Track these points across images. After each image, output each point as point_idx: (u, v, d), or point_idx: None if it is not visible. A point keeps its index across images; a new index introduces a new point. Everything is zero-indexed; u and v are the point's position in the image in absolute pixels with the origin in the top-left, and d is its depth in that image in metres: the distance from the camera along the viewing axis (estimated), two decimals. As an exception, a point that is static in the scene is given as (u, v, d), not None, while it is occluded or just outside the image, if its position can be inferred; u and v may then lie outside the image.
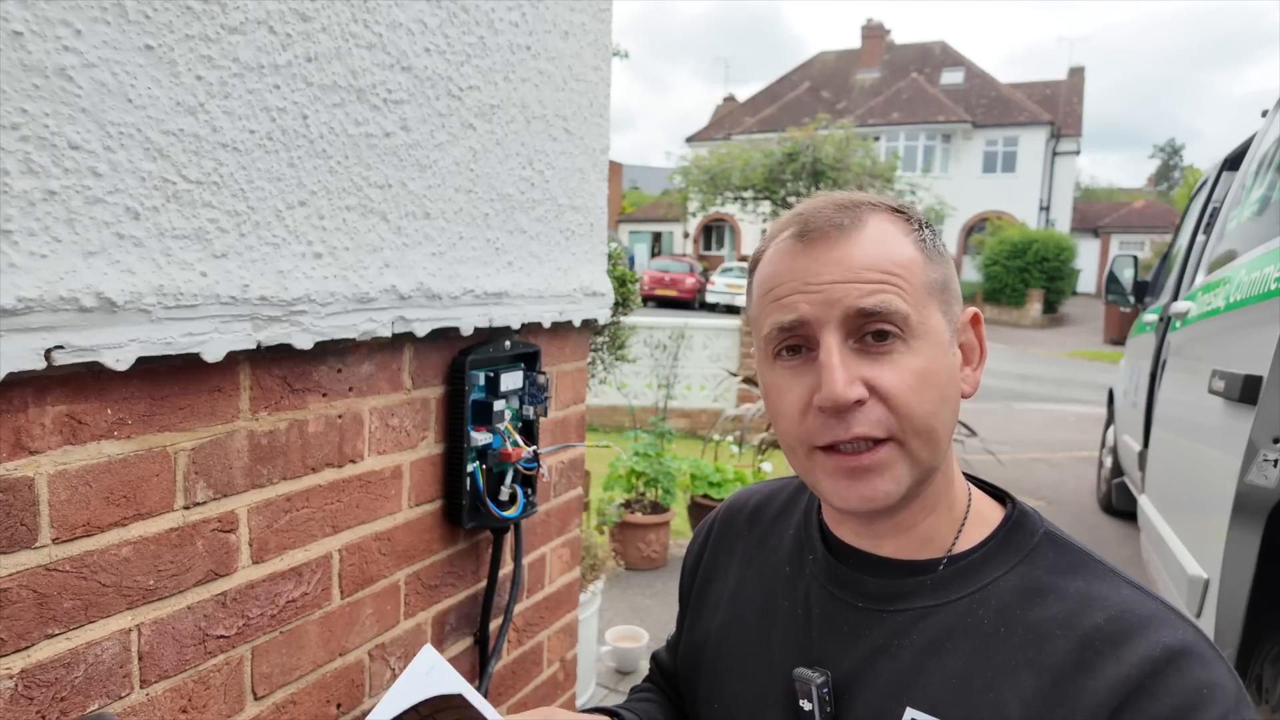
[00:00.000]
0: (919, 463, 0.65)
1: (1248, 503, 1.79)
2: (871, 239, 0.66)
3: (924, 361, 0.64)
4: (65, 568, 0.76)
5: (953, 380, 0.67)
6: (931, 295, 0.66)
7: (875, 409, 0.64)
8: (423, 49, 1.07)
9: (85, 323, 0.73)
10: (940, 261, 0.68)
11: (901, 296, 0.64)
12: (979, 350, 0.71)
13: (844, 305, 0.64)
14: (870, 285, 0.64)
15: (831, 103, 32.15)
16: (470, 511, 1.25)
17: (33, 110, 0.68)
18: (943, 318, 0.67)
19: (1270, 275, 1.92)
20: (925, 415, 0.64)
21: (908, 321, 0.64)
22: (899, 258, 0.65)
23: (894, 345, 0.64)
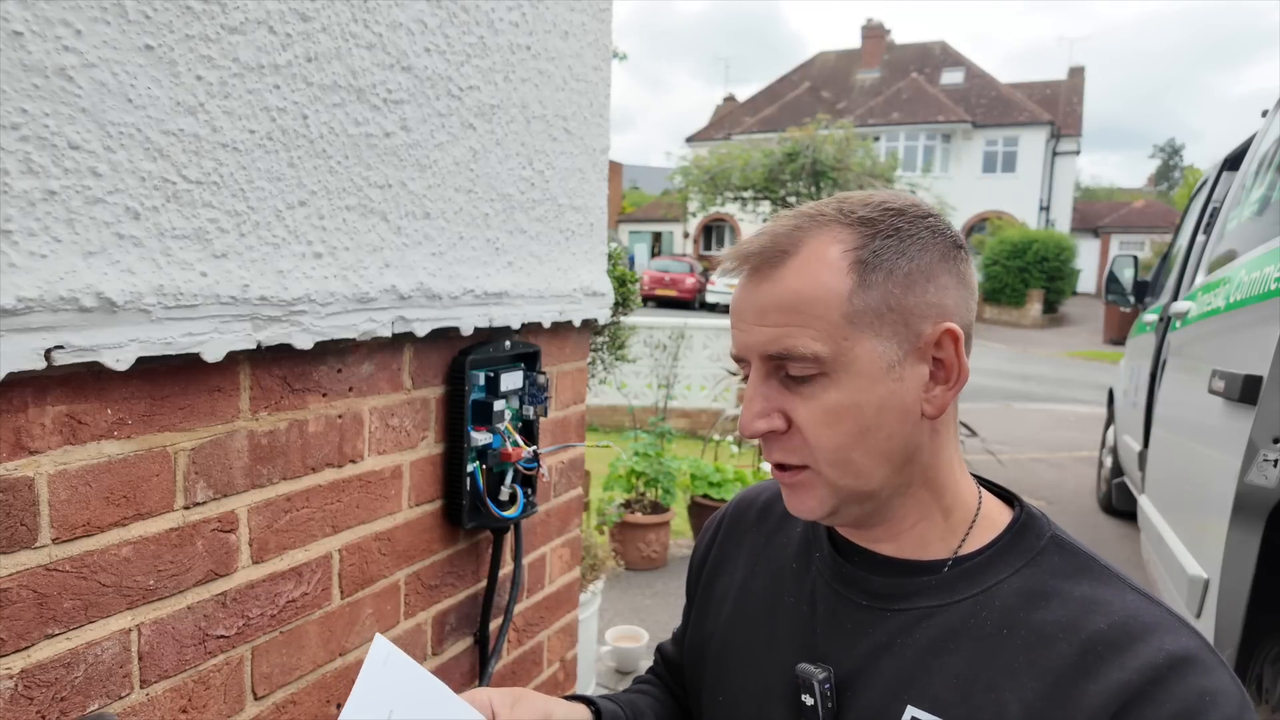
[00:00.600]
0: (839, 489, 0.67)
1: (1248, 503, 1.79)
2: (791, 273, 0.65)
3: (842, 395, 0.65)
4: (65, 568, 0.76)
5: (886, 409, 0.66)
6: (856, 324, 0.64)
7: (793, 438, 0.67)
8: (423, 49, 1.07)
9: (85, 323, 0.73)
10: (890, 280, 0.65)
11: (811, 335, 0.64)
12: (957, 369, 0.67)
13: (757, 349, 0.67)
14: (775, 330, 0.65)
15: (831, 103, 32.15)
16: (470, 511, 1.25)
17: (33, 110, 0.68)
18: (884, 342, 0.65)
19: (1270, 275, 1.92)
20: (835, 448, 0.66)
21: (819, 359, 0.64)
22: (815, 293, 0.64)
23: (815, 379, 0.65)
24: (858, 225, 0.66)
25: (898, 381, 0.66)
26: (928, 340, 0.66)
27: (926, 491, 0.70)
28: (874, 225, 0.66)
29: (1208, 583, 2.00)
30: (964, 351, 0.67)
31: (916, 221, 0.67)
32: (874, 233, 0.66)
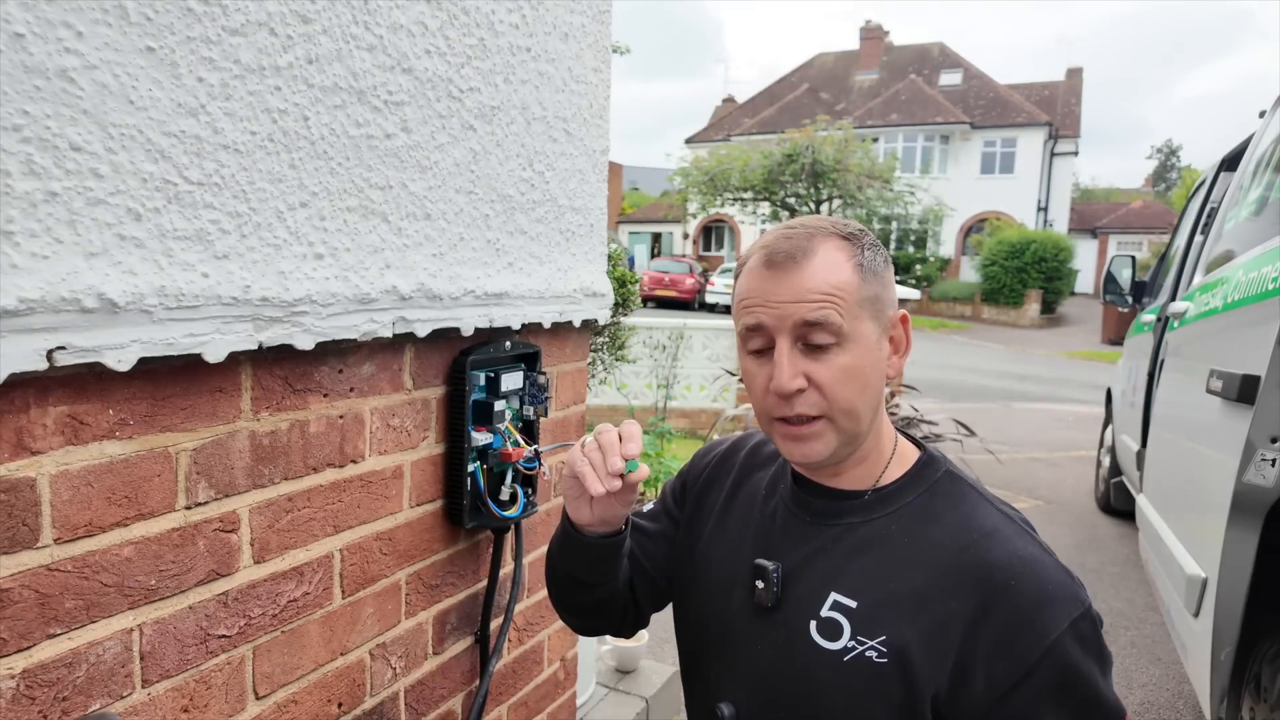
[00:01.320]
0: (844, 431, 0.88)
1: (1246, 502, 1.79)
2: (818, 266, 0.86)
3: (851, 360, 0.86)
4: (67, 568, 0.76)
5: (876, 370, 0.88)
6: (863, 307, 0.86)
7: (812, 395, 0.86)
8: (423, 51, 1.07)
9: (87, 323, 0.73)
10: (875, 279, 0.88)
11: (838, 311, 0.84)
12: (905, 343, 0.93)
13: (794, 318, 0.85)
14: (815, 303, 0.84)
15: (830, 104, 32.16)
16: (471, 511, 1.25)
17: (34, 112, 0.68)
18: (873, 323, 0.87)
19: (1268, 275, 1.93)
20: (848, 399, 0.86)
21: (841, 330, 0.85)
22: (838, 281, 0.85)
23: (830, 348, 0.85)
24: (849, 239, 0.89)
25: (880, 352, 0.89)
26: (891, 322, 0.91)
27: (873, 439, 0.93)
28: (860, 240, 0.89)
29: (1206, 582, 2.00)
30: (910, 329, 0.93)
31: (876, 239, 0.92)
32: (861, 245, 0.89)
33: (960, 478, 0.94)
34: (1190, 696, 2.98)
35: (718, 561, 1.01)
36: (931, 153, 29.12)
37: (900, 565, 0.87)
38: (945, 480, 0.93)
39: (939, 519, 0.89)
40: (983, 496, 0.91)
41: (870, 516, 0.91)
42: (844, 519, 0.92)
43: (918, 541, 0.88)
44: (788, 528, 0.96)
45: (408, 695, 1.22)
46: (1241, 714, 1.95)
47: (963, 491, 0.92)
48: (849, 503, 0.93)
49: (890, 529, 0.90)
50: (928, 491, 0.92)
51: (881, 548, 0.89)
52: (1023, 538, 0.86)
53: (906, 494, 0.92)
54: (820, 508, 0.94)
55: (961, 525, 0.87)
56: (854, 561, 0.89)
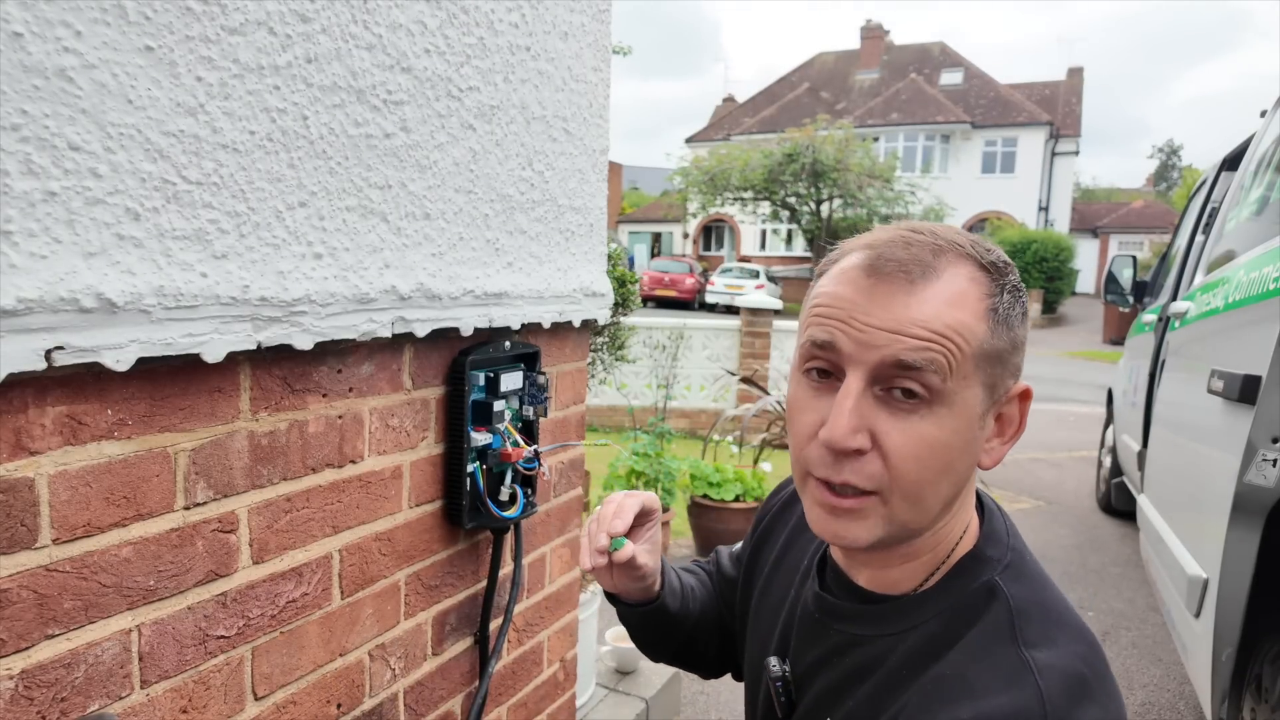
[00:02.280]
0: (897, 521, 0.66)
1: (1247, 502, 1.79)
2: (939, 295, 0.63)
3: (939, 432, 0.63)
4: (65, 568, 0.76)
5: (968, 452, 0.66)
6: (979, 367, 0.64)
7: (873, 462, 0.64)
8: (422, 50, 1.07)
9: (85, 323, 0.73)
10: (1005, 333, 0.65)
11: (948, 361, 0.62)
12: (1017, 426, 0.69)
13: (884, 353, 0.63)
14: (919, 342, 0.62)
15: (831, 103, 32.16)
16: (470, 511, 1.25)
17: (33, 111, 0.68)
18: (984, 390, 0.65)
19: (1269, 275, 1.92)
20: (919, 483, 0.64)
21: (940, 388, 0.62)
22: (959, 321, 0.63)
23: (917, 407, 0.63)
24: (989, 270, 0.66)
25: (980, 430, 0.66)
26: (1008, 395, 0.67)
27: (933, 538, 0.70)
28: (1002, 275, 0.66)
29: (1207, 582, 2.00)
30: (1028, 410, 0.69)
31: (1020, 284, 0.68)
32: (1002, 285, 0.66)
33: (1004, 595, 0.67)
34: (1191, 697, 2.98)
35: (755, 638, 0.88)
36: (932, 152, 29.11)
37: (883, 708, 0.67)
38: (979, 596, 0.67)
39: (942, 654, 0.66)
40: (1013, 627, 0.64)
41: (881, 631, 0.70)
42: (849, 626, 0.73)
43: (919, 678, 0.66)
44: (804, 622, 0.79)
45: (407, 696, 1.22)
46: (1242, 715, 1.95)
47: (988, 614, 0.66)
48: (864, 607, 0.73)
49: (895, 652, 0.69)
50: (950, 610, 0.68)
51: (881, 676, 0.69)
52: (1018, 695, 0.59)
53: (927, 608, 0.69)
54: (831, 606, 0.75)
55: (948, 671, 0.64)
56: (851, 687, 0.71)
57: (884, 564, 0.72)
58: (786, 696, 0.76)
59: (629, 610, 0.95)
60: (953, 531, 0.71)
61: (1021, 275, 0.71)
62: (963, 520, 0.72)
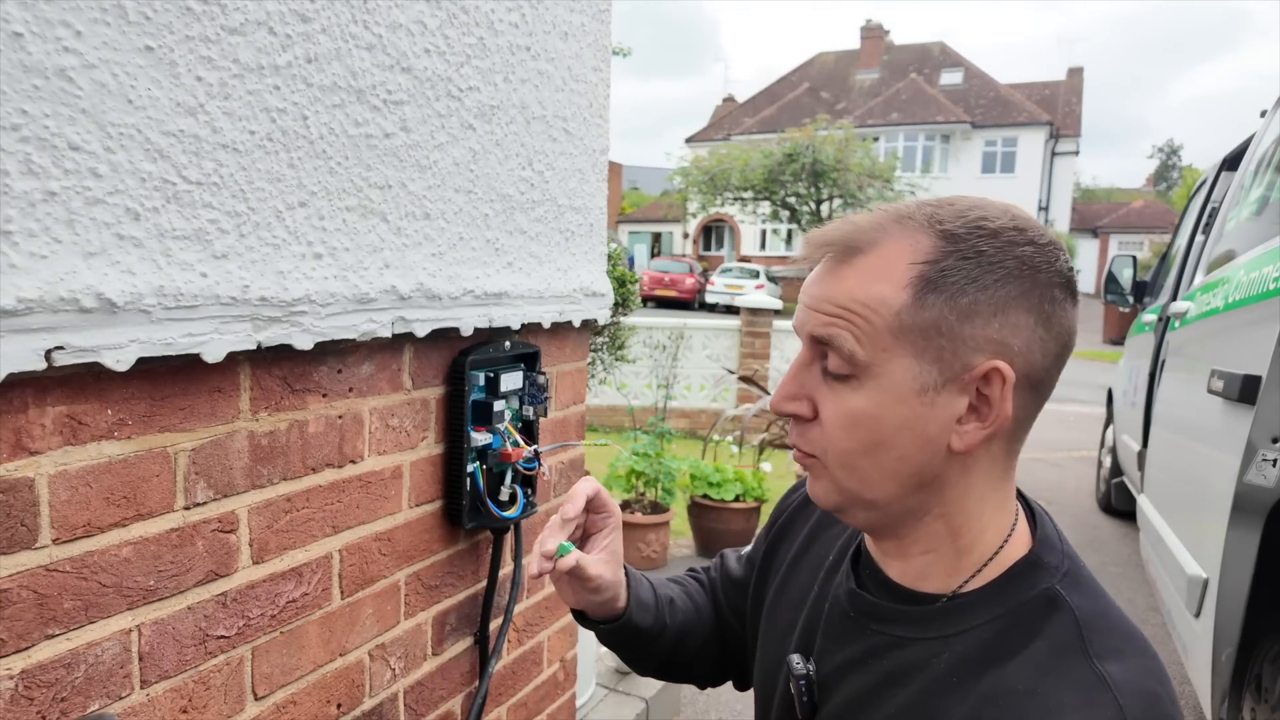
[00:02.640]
0: (842, 487, 0.68)
1: (1247, 502, 1.79)
2: (858, 269, 0.64)
3: (865, 404, 0.64)
4: (65, 568, 0.76)
5: (907, 430, 0.64)
6: (899, 339, 0.62)
7: (813, 429, 0.68)
8: (422, 50, 1.07)
9: (85, 323, 0.73)
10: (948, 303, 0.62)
11: (854, 335, 0.63)
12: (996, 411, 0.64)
13: (806, 329, 0.68)
14: (825, 317, 0.65)
15: (831, 103, 32.16)
16: (470, 511, 1.25)
17: (33, 111, 0.68)
18: (917, 362, 0.63)
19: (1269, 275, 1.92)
20: (847, 452, 0.66)
21: (854, 360, 0.64)
22: (869, 294, 0.63)
23: (847, 380, 0.65)
24: (939, 238, 0.63)
25: (927, 406, 0.63)
26: (974, 374, 0.63)
27: (942, 525, 0.68)
28: (956, 242, 0.63)
29: (1207, 582, 2.00)
30: (1010, 395, 0.63)
31: (1008, 248, 0.63)
32: (952, 250, 0.63)
33: (1066, 603, 0.64)
34: (1191, 697, 2.98)
35: (771, 637, 0.85)
36: (932, 152, 29.12)
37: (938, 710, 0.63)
38: (1038, 604, 0.64)
39: (1009, 659, 0.62)
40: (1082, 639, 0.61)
41: (924, 634, 0.67)
42: (891, 628, 0.70)
43: (968, 686, 0.63)
44: (833, 620, 0.76)
45: (407, 696, 1.22)
46: (1242, 715, 1.95)
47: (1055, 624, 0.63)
48: (905, 608, 0.70)
49: (941, 658, 0.65)
50: (1009, 615, 0.64)
51: (924, 681, 0.66)
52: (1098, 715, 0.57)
53: (977, 613, 0.66)
54: (869, 605, 0.72)
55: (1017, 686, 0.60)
56: (888, 691, 0.68)
57: (905, 553, 0.70)
58: (809, 697, 0.73)
59: (592, 627, 0.90)
60: (976, 527, 0.68)
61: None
62: (995, 517, 0.68)
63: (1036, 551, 0.68)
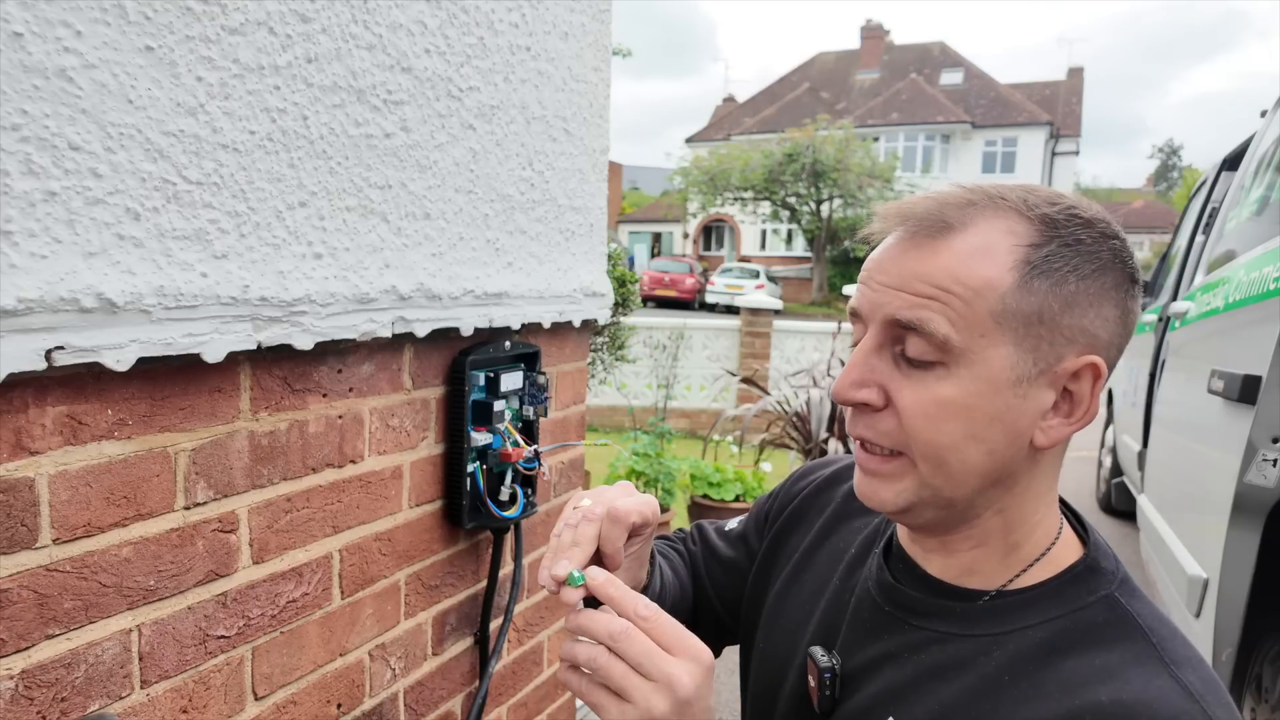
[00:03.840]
0: (929, 487, 0.63)
1: (1247, 502, 1.79)
2: (955, 249, 0.60)
3: (956, 393, 0.60)
4: (66, 568, 0.76)
5: (1000, 423, 0.61)
6: (1003, 324, 0.59)
7: (887, 420, 0.63)
8: (423, 50, 1.07)
9: (86, 323, 0.73)
10: (1051, 292, 0.60)
11: (949, 318, 0.59)
12: (1085, 406, 0.62)
13: (884, 311, 0.62)
14: (916, 299, 0.60)
15: (831, 103, 32.17)
16: (470, 511, 1.25)
17: (33, 111, 0.68)
18: (1015, 352, 0.60)
19: (1269, 275, 1.92)
20: (936, 445, 0.61)
21: (947, 346, 0.60)
22: (970, 275, 0.59)
23: (933, 367, 0.61)
24: (1038, 222, 0.61)
25: (1020, 399, 0.61)
26: (1066, 368, 0.61)
27: (999, 521, 0.66)
28: (1056, 228, 0.61)
29: (1207, 582, 2.00)
30: (1099, 390, 0.63)
31: (1102, 239, 0.62)
32: (1053, 236, 0.60)
33: (1127, 611, 0.63)
34: (1191, 697, 2.97)
35: (780, 629, 0.82)
36: (932, 152, 29.12)
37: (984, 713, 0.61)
38: (1100, 608, 0.63)
39: (1065, 659, 0.61)
40: (1155, 649, 0.60)
41: (970, 631, 0.65)
42: (934, 623, 0.68)
43: (1021, 686, 0.61)
44: (861, 614, 0.74)
45: (407, 696, 1.22)
46: (1243, 715, 1.95)
47: (1121, 633, 0.61)
48: (949, 603, 0.68)
49: (991, 655, 0.63)
50: (1067, 618, 0.63)
51: (971, 678, 0.63)
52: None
53: (1032, 613, 0.64)
54: (908, 600, 0.70)
55: (1094, 678, 0.58)
56: (929, 685, 0.65)
57: (953, 548, 0.68)
58: (831, 690, 0.70)
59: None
60: (1029, 523, 0.66)
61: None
62: (1045, 515, 0.67)
63: (1094, 556, 0.67)
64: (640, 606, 0.61)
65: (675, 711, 0.58)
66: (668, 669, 0.58)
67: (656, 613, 0.61)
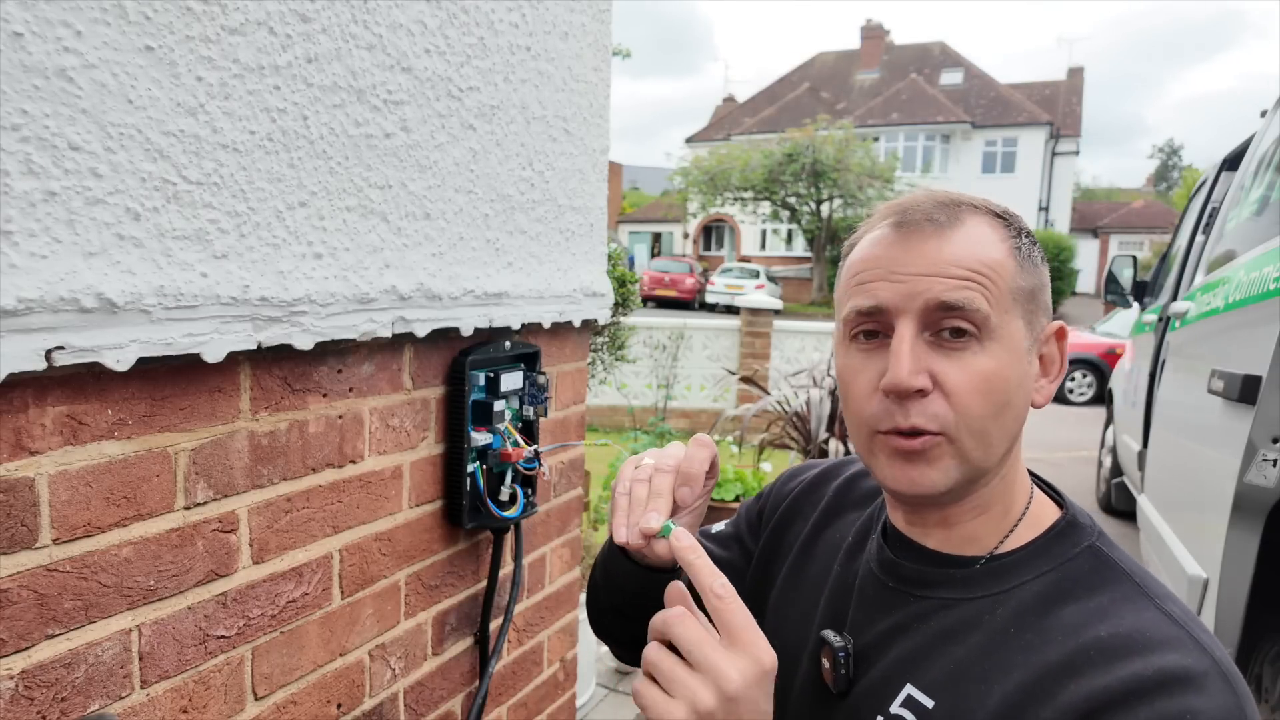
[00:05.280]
0: (968, 461, 0.67)
1: (1247, 502, 1.79)
2: (966, 237, 0.67)
3: (994, 364, 0.66)
4: (66, 568, 0.76)
5: (1021, 388, 0.68)
6: (1016, 302, 0.68)
7: (936, 402, 0.66)
8: (423, 50, 1.07)
9: (86, 323, 0.73)
10: (1033, 270, 0.69)
11: (985, 297, 0.65)
12: (1059, 363, 0.73)
13: (926, 297, 0.66)
14: (956, 281, 0.65)
15: (831, 103, 32.16)
16: (470, 511, 1.25)
17: (33, 111, 0.68)
18: (1024, 325, 0.68)
19: (1269, 275, 1.92)
20: (982, 417, 0.66)
21: (987, 322, 0.65)
22: (989, 259, 0.67)
23: (968, 344, 0.66)
24: (1001, 219, 0.70)
25: (1030, 365, 0.69)
26: (1046, 334, 0.71)
27: (1000, 486, 0.71)
28: (1014, 223, 0.71)
29: (1207, 582, 2.00)
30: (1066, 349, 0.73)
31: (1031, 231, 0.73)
32: (1018, 230, 0.70)
33: (1109, 559, 0.69)
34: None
35: (788, 621, 0.85)
36: (932, 152, 29.12)
37: (998, 663, 0.65)
38: (1084, 558, 0.69)
39: (1063, 607, 0.66)
40: (1139, 587, 0.66)
41: (971, 594, 0.70)
42: (938, 591, 0.72)
43: (1026, 635, 0.66)
44: (866, 593, 0.77)
45: (407, 696, 1.22)
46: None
47: (1108, 578, 0.67)
48: (949, 571, 0.72)
49: (995, 613, 0.68)
50: (1057, 571, 0.69)
51: (979, 636, 0.68)
52: (1185, 646, 0.60)
53: (1025, 570, 0.70)
54: (910, 573, 0.74)
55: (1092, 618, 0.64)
56: (941, 649, 0.69)
57: (956, 520, 0.72)
58: (846, 669, 0.73)
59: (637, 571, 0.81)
60: (1018, 484, 0.73)
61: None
62: (1023, 475, 0.74)
63: (1072, 513, 0.73)
64: (717, 584, 0.61)
65: (722, 708, 0.57)
66: (716, 661, 0.58)
67: (732, 595, 0.61)
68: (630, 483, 0.74)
